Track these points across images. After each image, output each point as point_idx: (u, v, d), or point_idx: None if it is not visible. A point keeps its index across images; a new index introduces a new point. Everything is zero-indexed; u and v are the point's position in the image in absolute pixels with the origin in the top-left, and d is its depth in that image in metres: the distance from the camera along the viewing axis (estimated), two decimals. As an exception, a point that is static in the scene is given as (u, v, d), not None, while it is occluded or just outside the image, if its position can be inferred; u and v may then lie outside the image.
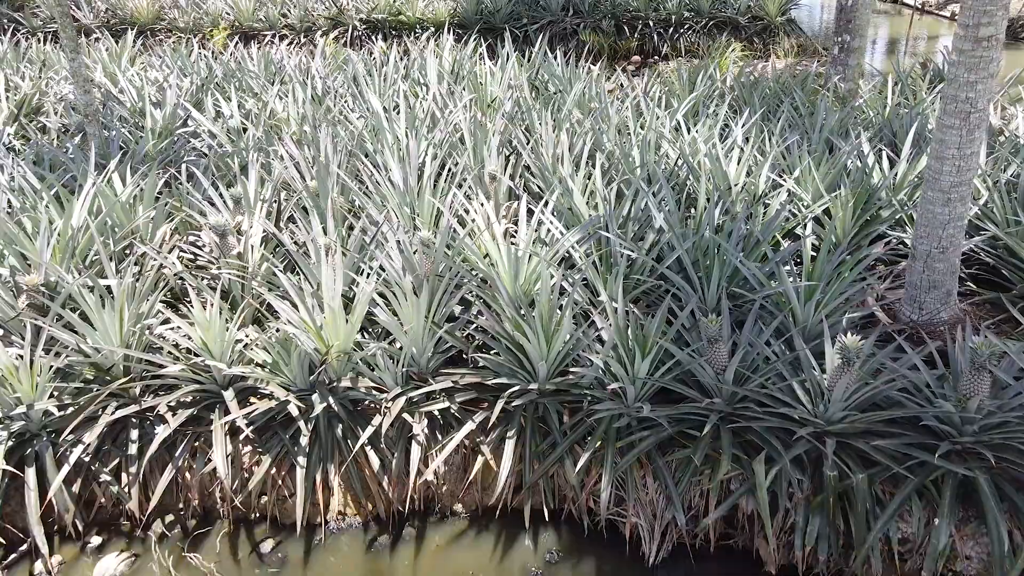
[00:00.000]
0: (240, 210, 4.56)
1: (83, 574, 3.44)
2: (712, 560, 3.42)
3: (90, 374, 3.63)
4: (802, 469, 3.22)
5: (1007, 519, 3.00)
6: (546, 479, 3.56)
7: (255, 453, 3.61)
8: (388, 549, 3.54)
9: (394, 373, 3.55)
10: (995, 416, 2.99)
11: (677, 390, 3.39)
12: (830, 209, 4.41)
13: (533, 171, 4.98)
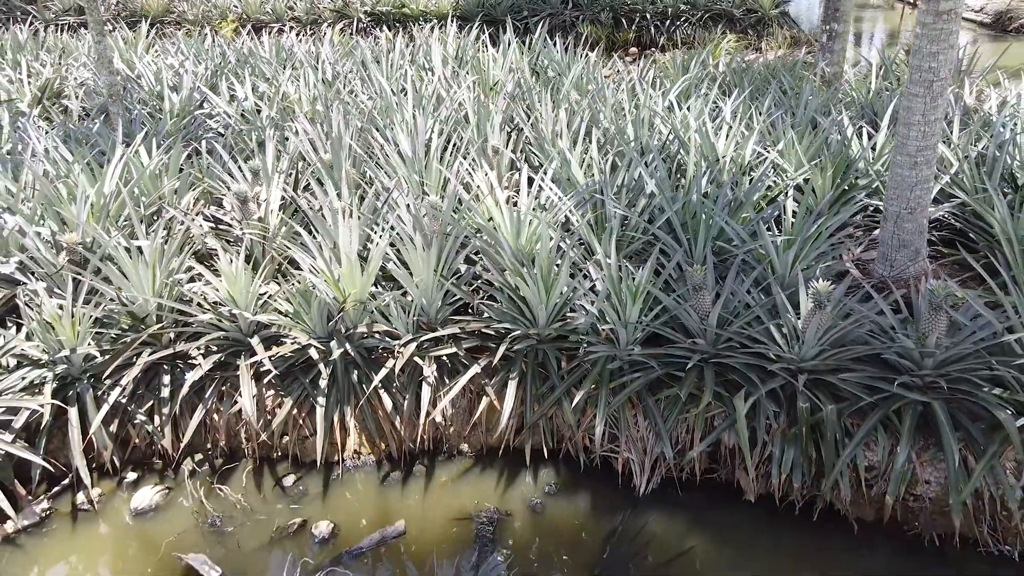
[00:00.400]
0: (258, 181, 4.87)
1: (120, 505, 3.75)
2: (697, 491, 3.73)
3: (126, 323, 3.94)
4: (778, 404, 3.53)
5: (962, 446, 3.31)
6: (545, 420, 3.88)
7: (278, 396, 3.93)
8: (400, 484, 3.85)
9: (405, 322, 3.86)
10: (950, 351, 3.30)
11: (665, 334, 3.71)
12: (811, 179, 4.72)
13: (533, 146, 5.29)
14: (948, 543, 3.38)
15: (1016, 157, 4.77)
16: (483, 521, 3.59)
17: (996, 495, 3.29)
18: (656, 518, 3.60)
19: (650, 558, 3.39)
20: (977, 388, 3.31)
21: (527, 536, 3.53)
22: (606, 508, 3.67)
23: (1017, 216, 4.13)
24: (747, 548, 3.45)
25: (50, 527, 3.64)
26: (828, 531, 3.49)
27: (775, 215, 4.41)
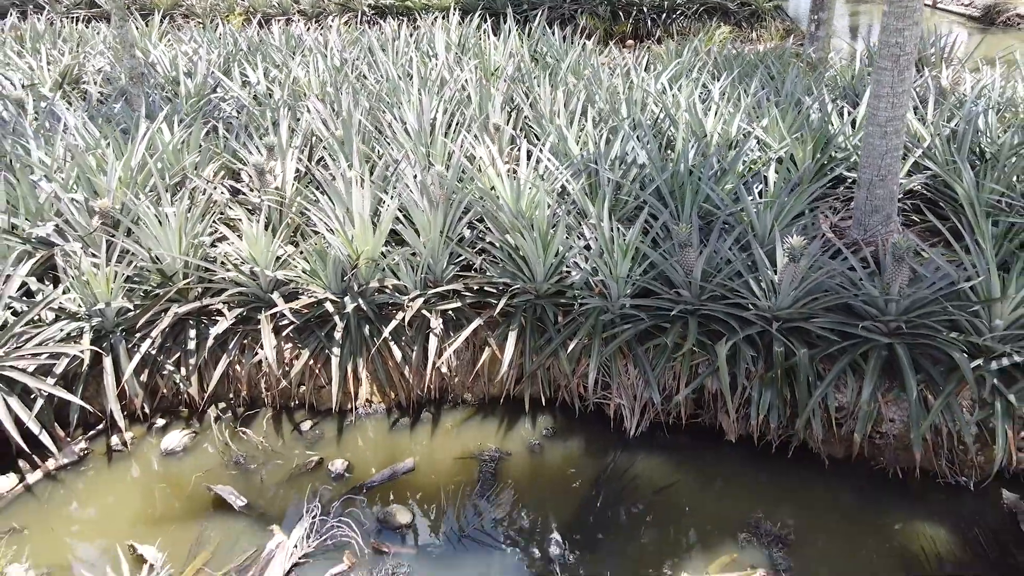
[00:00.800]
0: (273, 156, 5.19)
1: (151, 447, 4.07)
2: (683, 434, 4.05)
3: (155, 280, 4.26)
4: (756, 351, 3.85)
5: (922, 386, 3.63)
6: (543, 370, 4.19)
7: (295, 348, 4.24)
8: (408, 429, 4.17)
9: (414, 279, 4.18)
10: (911, 298, 3.62)
11: (653, 288, 4.02)
12: (793, 152, 5.03)
13: (532, 123, 5.60)
14: (910, 476, 3.69)
15: (985, 133, 5.09)
16: (486, 460, 3.91)
17: (953, 431, 3.61)
18: (644, 457, 3.92)
19: (638, 491, 3.71)
20: (936, 332, 3.63)
21: (526, 473, 3.85)
22: (599, 449, 3.98)
23: (982, 184, 4.45)
24: (727, 483, 3.77)
25: (87, 465, 3.96)
26: (802, 467, 3.81)
27: (760, 189, 4.72)
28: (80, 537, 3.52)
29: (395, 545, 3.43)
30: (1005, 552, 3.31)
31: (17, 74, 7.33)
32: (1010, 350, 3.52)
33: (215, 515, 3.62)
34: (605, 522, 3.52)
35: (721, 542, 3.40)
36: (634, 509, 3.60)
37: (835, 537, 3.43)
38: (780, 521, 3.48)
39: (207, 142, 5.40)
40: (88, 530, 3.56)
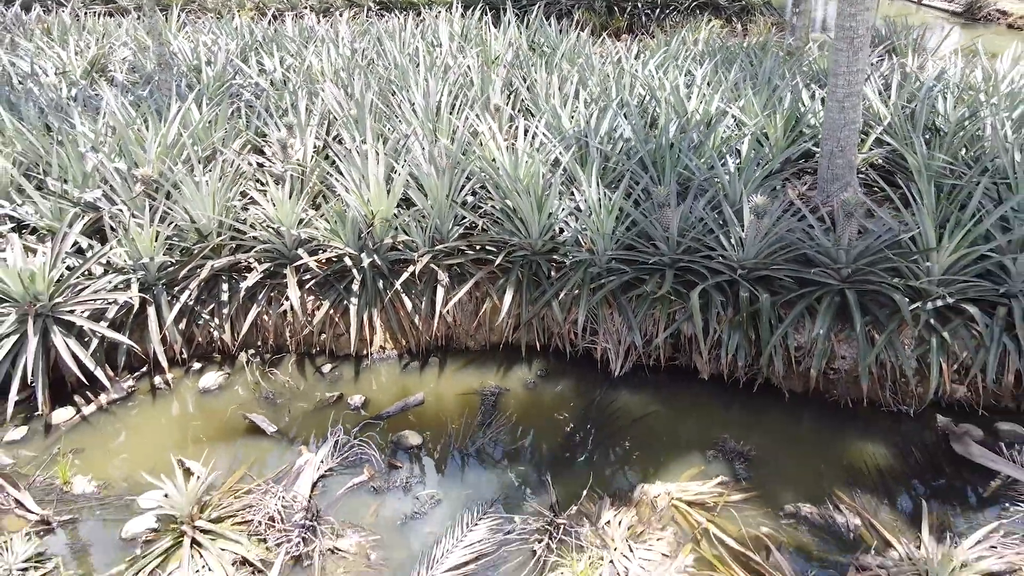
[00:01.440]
0: (292, 134, 5.70)
1: (190, 386, 4.58)
2: (662, 374, 4.56)
3: (192, 239, 4.77)
4: (725, 298, 4.36)
5: (869, 327, 4.14)
6: (538, 320, 4.71)
7: (317, 300, 4.76)
8: (418, 371, 4.69)
9: (423, 237, 4.69)
10: (859, 247, 4.13)
11: (635, 244, 4.53)
12: (766, 128, 5.54)
13: (529, 105, 6.11)
14: (859, 405, 4.20)
15: (940, 112, 5.60)
16: (487, 395, 4.42)
17: (896, 365, 4.12)
18: (627, 393, 4.43)
19: (620, 419, 4.22)
20: (881, 278, 4.14)
21: (523, 405, 4.36)
22: (587, 386, 4.50)
23: (932, 155, 4.96)
24: (699, 413, 4.28)
25: (134, 401, 4.47)
26: (765, 400, 4.32)
27: (735, 163, 5.22)
28: (132, 456, 4.04)
29: (407, 462, 3.94)
30: (937, 466, 3.82)
31: (49, 63, 7.85)
32: (944, 293, 4.03)
33: (249, 439, 4.14)
34: (591, 442, 4.03)
35: (691, 458, 3.91)
36: (616, 432, 4.11)
37: (790, 455, 3.94)
38: (743, 441, 3.99)
39: (231, 122, 5.91)
40: (139, 451, 4.07)
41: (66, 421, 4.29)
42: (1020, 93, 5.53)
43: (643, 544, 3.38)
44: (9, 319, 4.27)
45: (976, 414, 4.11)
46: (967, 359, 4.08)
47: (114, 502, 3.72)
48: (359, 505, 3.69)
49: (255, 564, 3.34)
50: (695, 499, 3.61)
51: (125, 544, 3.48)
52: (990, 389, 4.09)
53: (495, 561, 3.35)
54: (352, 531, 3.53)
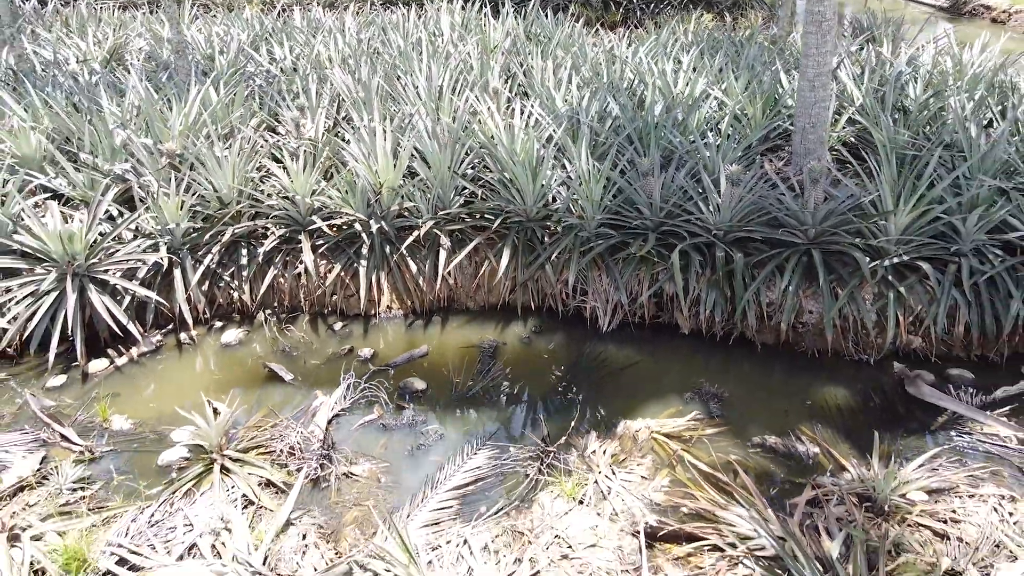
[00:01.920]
0: (304, 115, 6.11)
1: (213, 341, 4.99)
2: (647, 330, 4.96)
3: (214, 208, 5.18)
4: (703, 258, 4.76)
5: (833, 284, 4.55)
6: (532, 282, 5.11)
7: (328, 263, 5.16)
8: (422, 327, 5.09)
9: (426, 205, 5.10)
10: (823, 210, 4.53)
11: (621, 210, 4.94)
12: (747, 109, 5.94)
13: (526, 88, 6.51)
14: (825, 356, 4.61)
15: (908, 94, 6.00)
16: (485, 348, 4.83)
17: (857, 318, 4.53)
18: (614, 346, 4.84)
19: (607, 368, 4.63)
20: (844, 239, 4.54)
21: (518, 356, 4.77)
22: (577, 340, 4.90)
23: (897, 130, 5.36)
24: (679, 362, 4.69)
25: (162, 354, 4.88)
26: (740, 352, 4.73)
27: (717, 142, 5.63)
28: (163, 400, 4.44)
29: (413, 404, 4.35)
30: (891, 405, 4.23)
31: (69, 52, 8.26)
32: (900, 251, 4.44)
33: (269, 385, 4.54)
34: (579, 387, 4.44)
35: (670, 400, 4.31)
36: (603, 379, 4.52)
37: (760, 397, 4.35)
38: (718, 386, 4.39)
39: (247, 104, 6.31)
40: (169, 396, 4.48)
41: (101, 371, 4.70)
42: (981, 76, 5.94)
43: (624, 469, 3.79)
44: (49, 278, 4.68)
45: (930, 362, 4.52)
46: (921, 312, 4.49)
47: (149, 437, 4.13)
48: (370, 439, 4.09)
49: (278, 485, 3.75)
50: (672, 432, 4.02)
51: (161, 471, 3.88)
52: (942, 339, 4.49)
53: (493, 483, 3.76)
54: (364, 459, 3.93)
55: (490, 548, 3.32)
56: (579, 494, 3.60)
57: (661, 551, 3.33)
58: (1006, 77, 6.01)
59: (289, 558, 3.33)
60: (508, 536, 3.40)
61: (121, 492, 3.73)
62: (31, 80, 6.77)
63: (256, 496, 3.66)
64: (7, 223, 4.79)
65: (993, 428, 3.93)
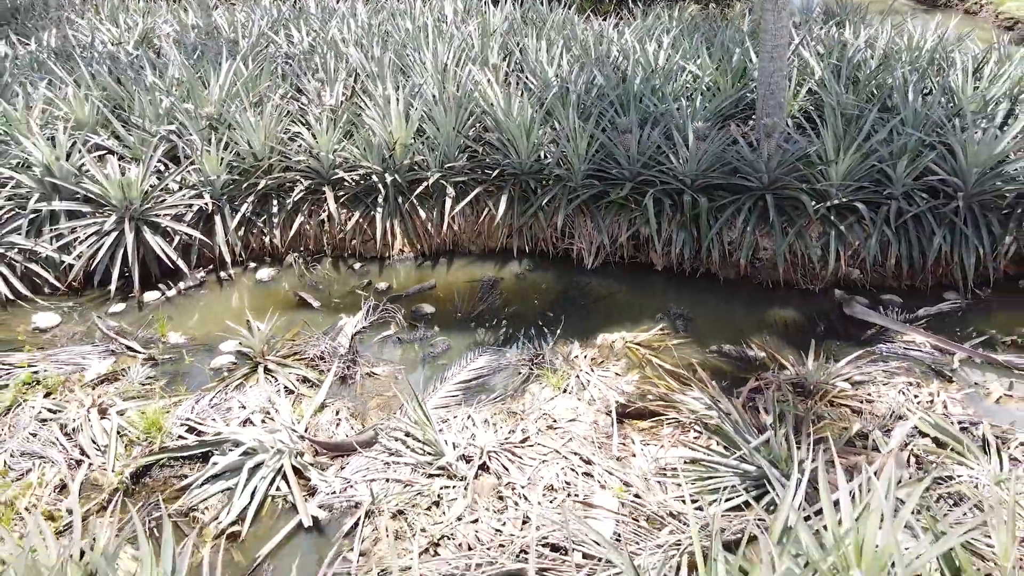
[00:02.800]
0: (324, 88, 6.85)
1: (248, 278, 5.74)
2: (626, 267, 5.71)
3: (249, 163, 5.93)
4: (673, 204, 5.51)
5: (785, 224, 5.29)
6: (526, 228, 5.86)
7: (348, 212, 5.91)
8: (430, 267, 5.84)
9: (434, 160, 5.85)
10: (775, 160, 5.28)
11: (603, 164, 5.68)
12: (718, 81, 6.68)
13: (522, 64, 7.26)
14: (777, 286, 5.35)
15: (862, 68, 6.75)
16: (486, 281, 5.58)
17: (804, 253, 5.27)
18: (597, 280, 5.59)
19: (590, 296, 5.38)
20: (793, 185, 5.29)
21: (513, 288, 5.52)
22: (565, 276, 5.65)
23: (847, 97, 6.10)
24: (652, 292, 5.44)
25: (205, 289, 5.63)
26: (706, 284, 5.47)
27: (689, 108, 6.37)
28: (210, 322, 5.19)
29: (423, 323, 5.10)
30: (831, 323, 4.97)
31: (104, 36, 9.00)
32: (841, 195, 5.19)
33: (299, 311, 5.29)
34: (567, 311, 5.19)
35: (643, 320, 5.06)
36: (586, 305, 5.27)
37: (720, 317, 5.10)
38: (685, 309, 5.14)
39: (272, 79, 7.06)
40: (214, 319, 5.23)
41: (154, 301, 5.45)
42: (924, 51, 6.69)
43: (601, 368, 4.54)
44: (110, 220, 5.43)
45: (866, 290, 5.27)
46: (858, 247, 5.24)
47: (201, 348, 4.88)
48: (388, 349, 4.85)
49: (312, 381, 4.50)
50: (643, 342, 4.77)
51: (213, 373, 4.63)
52: (876, 270, 5.24)
53: (492, 379, 4.51)
54: (383, 363, 4.69)
55: (489, 422, 4.07)
56: (563, 385, 4.35)
57: (629, 425, 4.09)
58: (946, 54, 6.75)
59: (325, 428, 4.09)
60: (504, 414, 4.15)
61: (182, 387, 4.49)
62: (83, 54, 7.51)
63: (295, 387, 4.42)
64: (73, 173, 5.54)
65: (910, 336, 4.68)
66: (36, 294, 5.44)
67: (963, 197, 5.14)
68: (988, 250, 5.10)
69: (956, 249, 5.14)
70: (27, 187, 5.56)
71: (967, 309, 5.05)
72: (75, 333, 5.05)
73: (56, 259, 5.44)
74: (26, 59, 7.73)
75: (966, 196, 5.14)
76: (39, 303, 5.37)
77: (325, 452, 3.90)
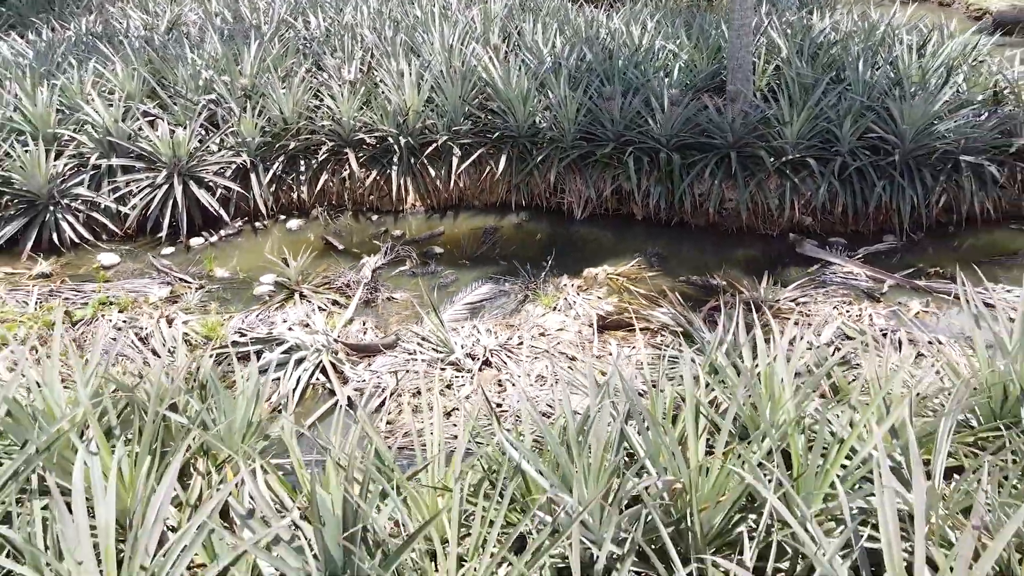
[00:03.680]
0: (342, 65, 7.66)
1: (280, 227, 6.56)
2: (610, 218, 6.53)
3: (279, 127, 6.74)
4: (651, 161, 6.32)
5: (747, 178, 6.11)
6: (523, 184, 6.68)
7: (367, 171, 6.72)
8: (438, 219, 6.66)
9: (442, 124, 6.66)
10: (739, 122, 6.09)
11: (591, 128, 6.50)
12: (694, 58, 7.49)
13: (520, 45, 8.07)
14: (741, 232, 6.17)
15: (823, 47, 7.56)
16: (488, 229, 6.40)
17: (764, 203, 6.09)
18: (585, 228, 6.40)
19: (577, 241, 6.19)
20: (755, 143, 6.11)
21: (511, 234, 6.34)
22: (557, 225, 6.47)
23: (804, 69, 6.91)
24: (632, 237, 6.25)
25: (242, 236, 6.45)
26: (679, 231, 6.29)
27: (667, 80, 7.17)
28: (249, 261, 6.00)
29: (434, 261, 5.91)
30: (784, 260, 5.78)
31: (136, 22, 9.82)
32: (795, 152, 6.00)
33: (326, 253, 6.11)
34: (557, 252, 5.99)
35: (623, 258, 5.86)
36: (574, 248, 6.09)
37: (690, 256, 5.91)
38: (659, 249, 5.96)
39: (296, 56, 7.87)
40: (252, 259, 6.04)
41: (199, 245, 6.27)
42: (878, 33, 7.50)
43: (586, 293, 5.35)
44: (161, 175, 6.25)
45: (817, 234, 6.08)
46: (810, 197, 6.05)
47: (243, 280, 5.70)
48: (404, 281, 5.67)
49: (341, 303, 5.32)
50: (622, 273, 5.58)
51: (255, 299, 5.45)
52: (825, 217, 6.06)
53: (493, 302, 5.33)
54: (400, 291, 5.51)
55: (491, 331, 4.89)
56: (553, 304, 5.17)
57: (608, 335, 4.90)
58: (894, 33, 7.57)
59: (354, 335, 4.90)
60: (503, 326, 4.97)
61: (232, 308, 5.31)
62: (118, 39, 8.33)
63: (327, 307, 5.24)
64: (128, 134, 6.35)
65: (849, 268, 5.50)
66: (97, 239, 6.25)
67: (900, 153, 5.95)
68: (921, 199, 5.92)
69: (894, 198, 5.95)
70: (88, 147, 6.38)
71: (902, 249, 5.86)
72: (134, 270, 5.87)
73: (114, 209, 6.26)
74: (72, 41, 8.54)
75: (903, 153, 5.95)
76: (100, 247, 6.19)
77: (355, 353, 4.72)
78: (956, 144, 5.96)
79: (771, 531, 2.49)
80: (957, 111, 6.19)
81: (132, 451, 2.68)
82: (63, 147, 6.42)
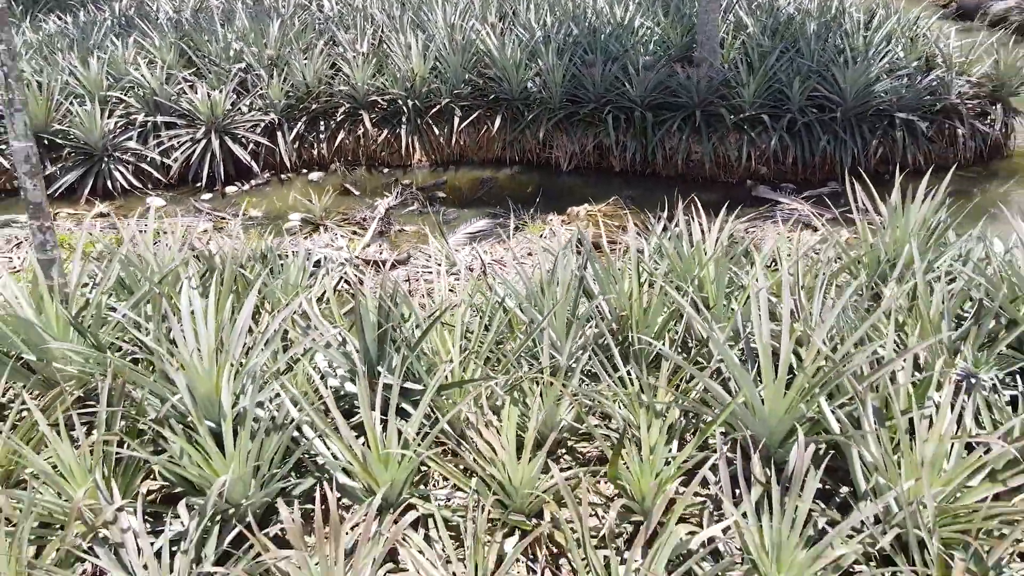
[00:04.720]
0: (355, 40, 8.57)
1: (303, 180, 7.48)
2: (592, 171, 7.45)
3: (302, 92, 7.66)
4: (627, 119, 7.24)
5: (711, 134, 7.03)
6: (516, 142, 7.60)
7: (379, 130, 7.64)
8: (441, 172, 7.58)
9: (445, 89, 7.58)
10: (704, 84, 7.01)
11: (575, 90, 7.42)
12: (670, 33, 8.41)
13: (514, 23, 8.99)
14: (706, 180, 7.09)
15: (787, 24, 8.48)
16: (485, 179, 7.32)
17: (725, 154, 7.01)
18: (570, 179, 7.33)
19: (564, 188, 7.11)
20: (717, 103, 7.02)
21: (505, 183, 7.26)
22: (545, 176, 7.39)
23: (765, 39, 7.83)
24: (611, 185, 7.16)
25: (270, 186, 7.37)
26: (653, 181, 7.21)
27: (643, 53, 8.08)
28: (277, 204, 6.92)
29: (438, 203, 6.83)
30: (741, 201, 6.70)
31: (164, 5, 10.74)
32: (752, 110, 6.92)
33: (344, 197, 7.03)
34: (545, 196, 6.91)
35: (601, 200, 6.78)
36: (560, 194, 7.01)
37: (659, 199, 6.80)
38: (633, 194, 6.88)
39: (314, 32, 8.79)
40: (280, 202, 6.96)
41: (233, 192, 7.19)
42: (833, 10, 8.43)
43: (569, 225, 6.28)
44: (200, 131, 7.17)
45: (771, 182, 7.00)
46: (765, 149, 6.97)
47: (274, 218, 6.62)
48: (412, 218, 6.59)
49: (360, 234, 6.24)
50: (600, 210, 6.50)
51: (286, 232, 6.37)
52: (778, 167, 6.98)
53: (489, 232, 6.25)
54: (410, 225, 6.43)
55: (487, 251, 5.81)
56: (540, 232, 6.09)
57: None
58: (845, 10, 8.51)
59: (372, 254, 5.82)
60: (497, 247, 5.89)
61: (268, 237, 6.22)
62: (152, 17, 9.25)
63: (348, 235, 6.16)
64: (171, 95, 7.27)
65: (794, 206, 6.42)
66: (144, 187, 7.17)
67: (842, 111, 6.87)
68: (860, 151, 6.84)
69: (837, 150, 6.87)
70: (135, 107, 7.30)
71: (843, 194, 6.77)
72: (178, 211, 6.79)
73: (159, 160, 7.17)
74: (110, 22, 9.47)
75: (845, 110, 6.87)
76: (149, 192, 7.11)
77: (373, 266, 5.64)
78: (892, 103, 6.88)
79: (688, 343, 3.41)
80: (893, 74, 7.11)
81: (217, 290, 3.60)
82: (113, 107, 7.33)
